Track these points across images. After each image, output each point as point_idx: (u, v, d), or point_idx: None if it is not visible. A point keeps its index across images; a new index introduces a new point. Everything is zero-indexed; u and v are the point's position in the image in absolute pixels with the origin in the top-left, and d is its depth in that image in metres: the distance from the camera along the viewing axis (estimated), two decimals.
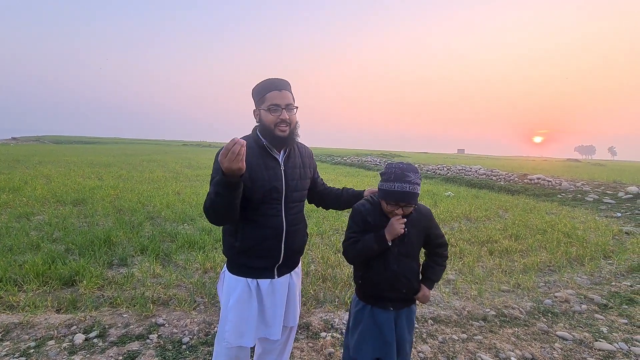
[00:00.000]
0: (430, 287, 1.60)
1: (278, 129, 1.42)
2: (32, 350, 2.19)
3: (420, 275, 1.61)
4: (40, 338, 2.32)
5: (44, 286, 3.05)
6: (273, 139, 1.44)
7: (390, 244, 1.43)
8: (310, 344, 2.40)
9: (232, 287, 1.49)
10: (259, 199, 1.43)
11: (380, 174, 1.48)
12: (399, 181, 1.36)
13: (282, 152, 1.51)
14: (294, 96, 1.49)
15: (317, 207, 1.83)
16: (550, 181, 12.47)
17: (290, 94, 1.47)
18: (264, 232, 1.46)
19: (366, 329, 1.53)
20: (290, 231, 1.51)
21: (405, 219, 1.44)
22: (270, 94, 1.42)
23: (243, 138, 1.44)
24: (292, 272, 1.61)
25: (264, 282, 1.49)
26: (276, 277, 1.52)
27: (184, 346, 2.30)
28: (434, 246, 1.61)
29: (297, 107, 1.48)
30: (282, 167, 1.49)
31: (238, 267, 1.49)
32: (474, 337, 2.58)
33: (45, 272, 3.22)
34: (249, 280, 1.48)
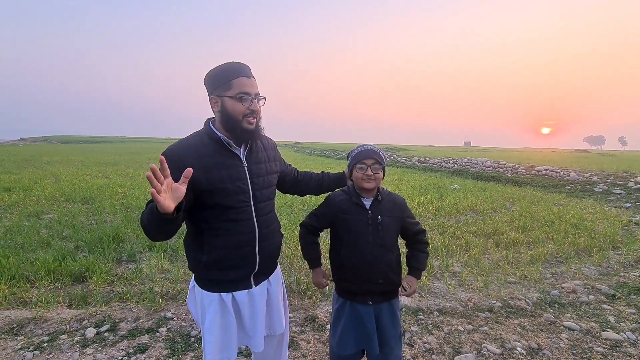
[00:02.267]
0: (417, 277, 1.63)
1: (246, 120, 1.25)
2: (45, 344, 2.25)
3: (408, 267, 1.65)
4: (53, 332, 2.39)
5: (55, 282, 3.13)
6: (239, 132, 1.27)
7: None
8: (317, 336, 2.43)
9: (205, 305, 1.32)
10: (224, 204, 1.26)
11: (347, 155, 1.66)
12: (362, 147, 1.57)
13: (242, 147, 1.33)
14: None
15: (293, 195, 1.73)
16: (559, 172, 12.31)
17: (256, 81, 1.30)
18: (235, 240, 1.29)
19: (347, 322, 1.54)
20: (264, 234, 1.36)
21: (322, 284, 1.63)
22: (239, 81, 1.23)
23: (192, 135, 1.31)
24: (269, 278, 1.46)
25: (241, 294, 1.34)
26: (253, 286, 1.37)
27: (192, 339, 2.35)
28: (413, 234, 1.62)
29: (265, 98, 1.31)
30: (245, 164, 1.32)
31: (209, 282, 1.33)
32: (480, 328, 2.58)
33: (56, 268, 3.29)
34: (223, 295, 1.32)
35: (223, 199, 1.25)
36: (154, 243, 4.17)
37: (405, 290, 1.61)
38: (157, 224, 1.07)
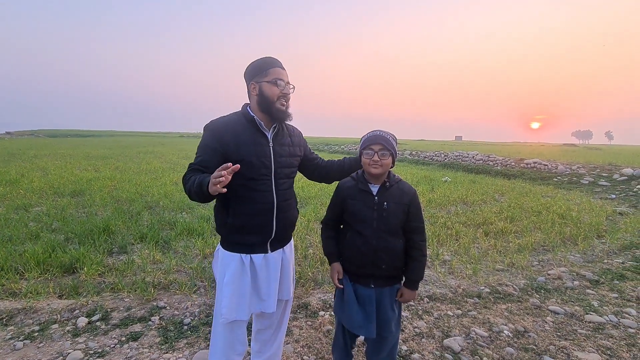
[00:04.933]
0: (411, 288, 1.56)
1: (280, 102, 1.46)
2: (36, 334, 2.24)
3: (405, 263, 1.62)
4: (43, 322, 2.37)
5: (45, 274, 3.09)
6: (274, 111, 1.46)
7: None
8: (309, 322, 2.46)
9: (226, 263, 1.51)
10: (248, 175, 1.44)
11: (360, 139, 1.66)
12: (372, 132, 1.58)
13: (271, 130, 1.53)
14: None
15: (320, 182, 1.87)
16: (547, 165, 12.53)
17: (287, 73, 1.52)
18: (255, 208, 1.48)
19: (349, 300, 1.56)
20: (282, 206, 1.54)
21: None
22: (275, 70, 1.46)
23: (231, 114, 1.53)
24: (284, 247, 1.63)
25: (258, 257, 1.52)
26: (269, 251, 1.55)
27: (185, 327, 2.36)
28: (409, 230, 1.55)
29: (294, 87, 1.53)
30: (271, 144, 1.51)
31: (231, 243, 1.51)
32: (469, 312, 2.65)
33: (46, 260, 3.26)
34: (243, 256, 1.50)
35: (248, 170, 1.42)
36: (145, 235, 4.17)
37: (400, 300, 1.60)
38: (203, 198, 1.29)
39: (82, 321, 2.37)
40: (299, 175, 1.79)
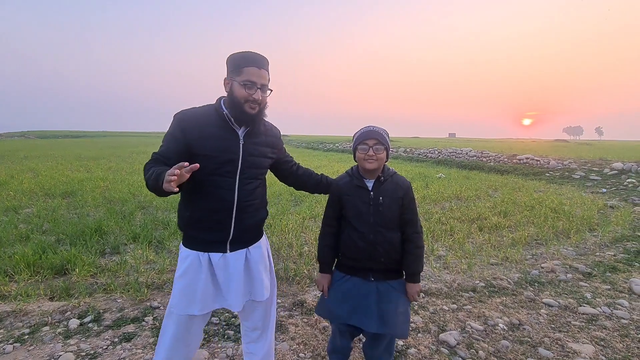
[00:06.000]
0: (412, 281, 1.54)
1: (248, 105, 1.37)
2: (26, 337, 2.19)
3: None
4: (34, 325, 2.32)
5: (36, 275, 3.04)
6: (239, 114, 1.39)
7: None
8: (305, 320, 2.45)
9: (182, 259, 1.46)
10: (211, 170, 1.38)
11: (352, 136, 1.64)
12: (365, 128, 1.57)
13: (243, 126, 1.45)
14: (270, 77, 1.44)
15: (289, 186, 1.82)
16: (539, 160, 12.66)
17: (267, 74, 1.41)
18: (213, 205, 1.42)
19: (346, 290, 1.55)
20: (243, 206, 1.45)
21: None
22: (249, 69, 1.35)
23: (204, 106, 1.46)
24: (250, 247, 1.53)
25: (215, 256, 1.45)
26: (228, 251, 1.47)
27: None
28: (403, 223, 1.54)
29: (271, 90, 1.43)
30: (242, 142, 1.43)
31: (190, 239, 1.46)
32: (464, 307, 2.65)
33: (36, 262, 3.20)
34: (200, 253, 1.44)
35: (210, 166, 1.37)
36: (138, 235, 4.11)
37: (407, 297, 1.57)
38: (158, 192, 1.25)
39: (74, 323, 2.33)
40: None
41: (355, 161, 1.60)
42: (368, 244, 1.50)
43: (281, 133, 1.71)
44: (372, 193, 1.52)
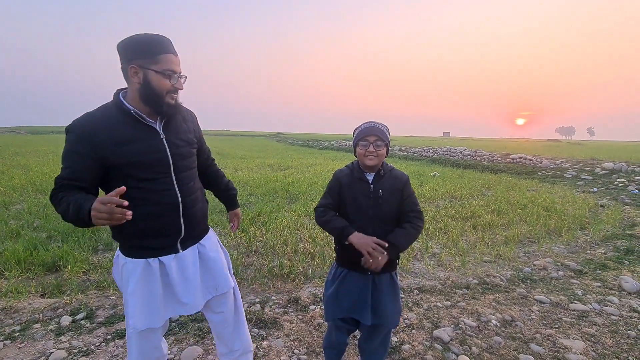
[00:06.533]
0: (390, 254, 1.45)
1: (169, 96, 1.24)
2: (17, 334, 2.16)
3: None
4: (25, 322, 2.29)
5: (27, 272, 3.00)
6: (162, 107, 1.24)
7: (346, 243, 1.48)
8: (300, 316, 2.45)
9: (130, 270, 1.30)
10: (141, 176, 1.23)
11: (353, 131, 1.64)
12: (366, 124, 1.57)
13: (158, 119, 1.29)
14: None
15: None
16: (532, 160, 12.80)
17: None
18: (157, 210, 1.27)
19: (342, 288, 1.57)
20: (187, 202, 1.34)
21: (384, 251, 1.41)
22: (167, 57, 1.21)
23: (100, 108, 1.25)
24: (201, 241, 1.45)
25: (167, 259, 1.32)
26: (180, 251, 1.36)
27: (173, 324, 2.32)
28: (404, 212, 1.54)
29: (186, 77, 1.30)
30: (163, 135, 1.28)
31: (133, 249, 1.31)
32: (457, 303, 2.68)
33: (27, 258, 3.15)
34: (150, 260, 1.30)
35: (138, 172, 1.23)
36: None
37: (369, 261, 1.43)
38: (81, 225, 1.11)
39: (66, 320, 2.30)
40: (290, 170, 1.74)
41: (356, 156, 1.61)
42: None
43: (277, 131, 1.64)
44: (372, 186, 1.54)
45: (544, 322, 2.45)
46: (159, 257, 1.32)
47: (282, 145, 31.77)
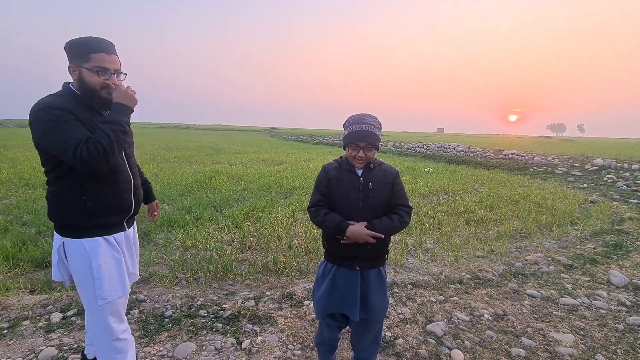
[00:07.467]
0: (370, 227, 1.46)
1: (105, 92, 1.39)
2: (5, 331, 2.12)
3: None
4: (13, 319, 2.25)
5: (15, 268, 2.94)
6: (97, 100, 1.40)
7: (345, 239, 1.49)
8: (294, 312, 2.44)
9: (89, 249, 1.39)
10: None
11: (343, 124, 1.59)
12: (357, 123, 1.50)
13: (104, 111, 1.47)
14: (120, 61, 1.45)
15: None
16: (524, 156, 12.92)
17: (118, 59, 1.43)
18: (118, 188, 1.45)
19: (331, 284, 1.57)
20: (137, 182, 1.56)
21: (375, 241, 1.46)
22: (98, 56, 1.35)
23: (55, 95, 1.37)
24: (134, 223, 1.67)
25: (119, 236, 1.49)
26: (126, 228, 1.55)
27: (166, 319, 2.30)
28: (394, 205, 1.55)
29: (125, 74, 1.46)
30: None
31: (90, 229, 1.41)
32: (450, 298, 2.70)
33: (16, 254, 3.10)
34: (106, 237, 1.44)
35: None
36: None
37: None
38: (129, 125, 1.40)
39: (56, 317, 2.27)
40: (284, 165, 1.75)
41: (344, 150, 1.59)
42: None
43: (271, 126, 1.67)
44: (361, 179, 1.53)
45: (535, 316, 2.49)
46: (113, 235, 1.48)
47: (276, 140, 31.63)
